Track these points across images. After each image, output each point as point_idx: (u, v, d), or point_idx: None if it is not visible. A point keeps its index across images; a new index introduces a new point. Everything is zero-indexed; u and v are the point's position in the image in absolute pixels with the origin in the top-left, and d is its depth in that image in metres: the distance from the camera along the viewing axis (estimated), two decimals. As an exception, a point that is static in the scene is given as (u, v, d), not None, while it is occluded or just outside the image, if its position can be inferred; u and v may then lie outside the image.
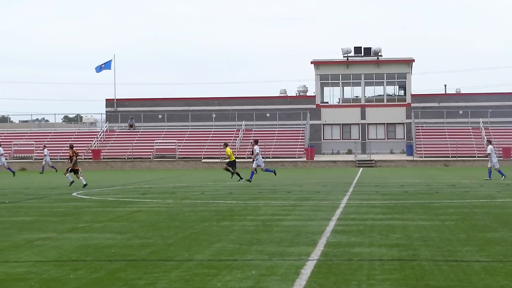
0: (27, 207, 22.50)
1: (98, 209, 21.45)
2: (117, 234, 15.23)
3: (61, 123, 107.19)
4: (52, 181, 39.65)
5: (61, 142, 73.34)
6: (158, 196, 27.37)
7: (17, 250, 13.10)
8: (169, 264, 11.44)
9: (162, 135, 75.00)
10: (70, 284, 9.93)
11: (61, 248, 13.27)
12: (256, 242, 13.77)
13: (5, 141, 72.30)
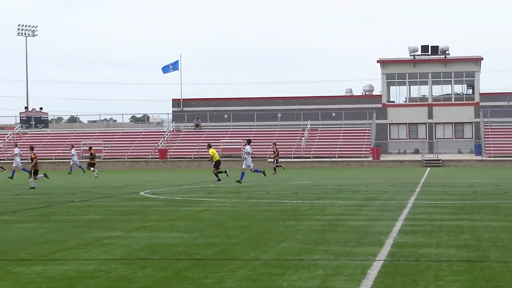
0: (96, 206, 22.85)
1: (165, 208, 21.66)
2: (184, 233, 15.35)
3: (128, 123, 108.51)
4: (119, 181, 40.17)
5: (129, 142, 74.28)
6: (224, 195, 27.50)
7: (86, 248, 13.31)
8: (235, 263, 11.48)
9: (228, 135, 75.31)
10: (138, 282, 10.04)
11: (129, 246, 13.44)
12: (322, 242, 13.73)
13: (75, 140, 73.59)
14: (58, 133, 79.31)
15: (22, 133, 79.48)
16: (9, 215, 20.00)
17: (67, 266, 11.29)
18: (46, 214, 20.27)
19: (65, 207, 22.76)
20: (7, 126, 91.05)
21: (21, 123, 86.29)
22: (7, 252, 12.81)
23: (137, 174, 54.20)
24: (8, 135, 77.21)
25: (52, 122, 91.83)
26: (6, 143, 74.34)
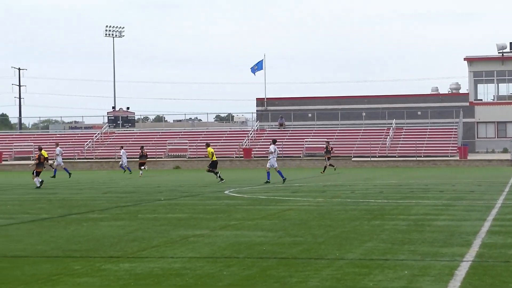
0: (181, 204, 23.12)
1: (250, 207, 21.76)
2: (269, 231, 15.40)
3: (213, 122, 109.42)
4: (204, 179, 40.53)
5: (214, 141, 74.94)
6: (308, 194, 27.47)
7: (172, 246, 13.48)
8: (320, 262, 11.45)
9: (312, 134, 75.19)
10: (223, 280, 10.12)
11: (214, 245, 13.55)
12: (408, 241, 13.58)
13: (161, 139, 74.66)
14: (144, 133, 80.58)
15: (109, 132, 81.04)
16: (98, 213, 20.42)
17: (154, 264, 11.47)
18: (134, 212, 20.62)
19: (152, 205, 23.10)
20: (96, 126, 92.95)
21: (109, 122, 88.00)
22: (96, 249, 13.08)
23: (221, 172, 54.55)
24: (97, 134, 78.86)
25: (138, 122, 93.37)
26: (94, 142, 75.93)
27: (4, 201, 25.59)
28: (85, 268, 11.05)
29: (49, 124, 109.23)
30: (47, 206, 23.12)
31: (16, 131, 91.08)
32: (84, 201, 25.28)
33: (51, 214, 20.02)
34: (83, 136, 79.62)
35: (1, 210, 21.66)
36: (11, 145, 76.15)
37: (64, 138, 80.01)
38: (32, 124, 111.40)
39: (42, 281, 10.10)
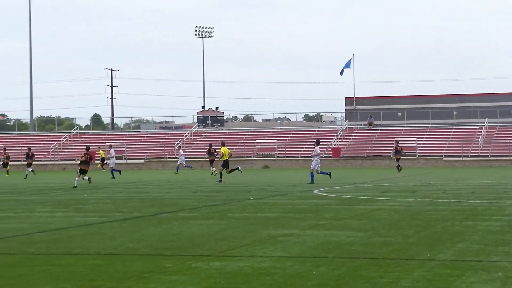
0: (270, 204, 23.18)
1: (339, 207, 21.65)
2: (358, 231, 15.29)
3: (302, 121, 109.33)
4: (293, 179, 40.55)
5: (302, 140, 74.85)
6: (398, 194, 27.17)
7: (262, 245, 13.52)
8: (410, 263, 11.30)
9: (402, 133, 74.35)
10: (313, 280, 10.09)
11: (303, 244, 13.53)
12: (501, 243, 13.28)
13: (249, 139, 75.04)
14: (233, 132, 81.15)
15: (199, 132, 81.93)
16: (188, 212, 20.65)
17: (244, 263, 11.52)
18: (223, 211, 20.77)
19: (241, 204, 23.24)
20: (186, 125, 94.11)
21: (198, 122, 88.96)
22: (187, 248, 13.23)
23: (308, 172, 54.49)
24: (186, 134, 79.82)
25: (227, 121, 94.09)
26: (184, 142, 76.88)
27: (97, 199, 26.16)
28: (176, 266, 11.19)
29: (140, 124, 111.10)
30: (139, 204, 23.52)
31: (108, 131, 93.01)
32: (174, 200, 25.62)
33: (143, 213, 20.35)
34: (173, 135, 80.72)
35: (95, 209, 22.14)
36: (104, 144, 77.80)
37: (154, 137, 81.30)
38: (124, 124, 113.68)
39: (134, 278, 10.27)
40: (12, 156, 73.90)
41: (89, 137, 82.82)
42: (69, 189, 33.51)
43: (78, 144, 79.58)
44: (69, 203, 24.64)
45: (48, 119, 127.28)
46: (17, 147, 76.12)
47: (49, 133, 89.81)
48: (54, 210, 21.65)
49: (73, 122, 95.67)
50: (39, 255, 12.57)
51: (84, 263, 11.56)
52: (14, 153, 75.03)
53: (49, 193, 30.60)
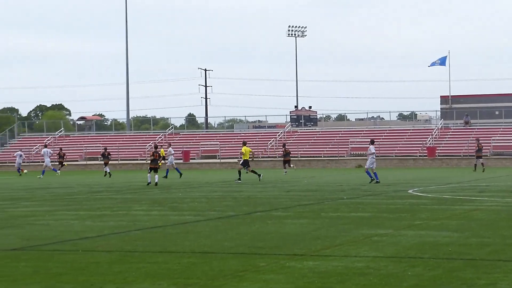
0: (364, 203, 23.02)
1: (434, 207, 21.33)
2: (454, 232, 15.04)
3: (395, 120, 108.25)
4: (387, 178, 40.16)
5: (396, 139, 74.06)
6: (496, 194, 26.59)
7: (356, 245, 13.45)
8: (509, 264, 11.06)
9: (499, 132, 72.73)
10: (408, 280, 9.98)
11: (398, 244, 13.39)
12: None
13: (343, 138, 74.68)
14: (327, 131, 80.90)
15: (292, 131, 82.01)
16: (281, 211, 20.70)
17: (337, 262, 11.48)
18: (316, 210, 20.74)
19: (335, 204, 23.16)
20: (279, 125, 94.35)
21: (291, 121, 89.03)
22: (281, 247, 13.27)
23: (404, 172, 53.94)
24: (279, 133, 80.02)
25: (320, 121, 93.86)
26: (277, 141, 77.09)
27: (192, 198, 26.49)
28: (270, 265, 11.23)
29: (233, 124, 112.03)
30: (233, 203, 23.71)
31: (202, 130, 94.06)
32: (268, 199, 25.72)
33: (237, 212, 20.51)
34: (267, 135, 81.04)
35: (190, 207, 22.43)
36: (197, 144, 78.77)
37: (248, 137, 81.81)
38: (217, 123, 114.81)
39: (229, 277, 10.36)
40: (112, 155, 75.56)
41: (184, 136, 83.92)
42: (165, 187, 34.04)
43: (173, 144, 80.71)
44: (164, 201, 25.04)
45: (144, 119, 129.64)
46: (114, 147, 77.69)
47: (145, 132, 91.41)
48: (150, 209, 22.04)
49: (168, 121, 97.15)
50: (136, 252, 12.82)
51: (179, 261, 11.74)
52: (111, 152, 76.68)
53: (145, 192, 31.18)
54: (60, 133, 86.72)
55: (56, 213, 21.01)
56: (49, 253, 12.97)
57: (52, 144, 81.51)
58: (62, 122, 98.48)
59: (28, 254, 12.75)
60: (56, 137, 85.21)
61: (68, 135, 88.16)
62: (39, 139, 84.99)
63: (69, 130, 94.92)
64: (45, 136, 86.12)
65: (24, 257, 12.35)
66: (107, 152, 55.35)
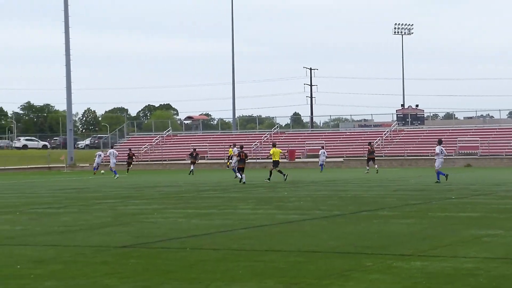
0: (473, 203, 22.55)
1: (547, 207, 20.69)
2: None
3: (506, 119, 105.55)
4: (497, 177, 39.23)
5: (507, 138, 72.23)
6: None
7: (465, 245, 13.20)
8: None
9: None
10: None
11: (509, 245, 13.08)
12: None
13: (451, 137, 73.34)
14: (434, 130, 79.63)
15: (398, 130, 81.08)
16: (388, 211, 20.51)
17: (446, 263, 11.30)
18: (424, 210, 20.45)
19: (442, 203, 22.78)
20: (385, 124, 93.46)
21: (398, 120, 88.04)
22: (387, 247, 13.15)
23: None
24: (386, 132, 79.25)
25: (427, 119, 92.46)
26: (384, 140, 76.40)
27: (298, 197, 26.53)
28: (377, 265, 11.15)
29: (339, 123, 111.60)
30: (338, 202, 23.63)
31: (307, 129, 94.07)
32: (374, 198, 25.52)
33: (343, 211, 20.43)
34: (372, 134, 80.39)
35: (295, 206, 22.47)
36: (303, 143, 78.85)
37: (353, 136, 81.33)
38: (323, 122, 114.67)
39: (335, 276, 10.34)
40: (215, 154, 76.53)
41: (289, 135, 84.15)
42: (270, 186, 34.21)
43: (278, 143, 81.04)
44: (270, 200, 25.17)
45: (250, 118, 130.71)
46: (220, 145, 78.62)
47: (251, 131, 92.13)
48: (256, 207, 22.19)
49: (274, 121, 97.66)
50: (243, 251, 12.93)
51: (285, 259, 11.78)
52: (217, 151, 77.65)
53: (250, 191, 31.41)
54: (167, 133, 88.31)
55: (164, 211, 21.41)
56: (157, 250, 13.24)
57: (160, 143, 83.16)
58: (170, 121, 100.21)
59: (137, 252, 13.04)
60: (164, 136, 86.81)
61: (175, 134, 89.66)
62: (147, 139, 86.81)
63: (177, 130, 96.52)
64: (153, 135, 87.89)
65: (134, 254, 12.64)
66: (196, 152, 56.57)
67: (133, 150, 65.84)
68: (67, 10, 78.60)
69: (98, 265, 11.53)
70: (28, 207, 23.89)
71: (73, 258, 12.31)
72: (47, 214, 21.16)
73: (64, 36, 78.88)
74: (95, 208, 23.28)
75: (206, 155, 76.89)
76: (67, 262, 11.92)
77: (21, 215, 20.96)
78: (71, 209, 22.72)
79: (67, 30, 78.72)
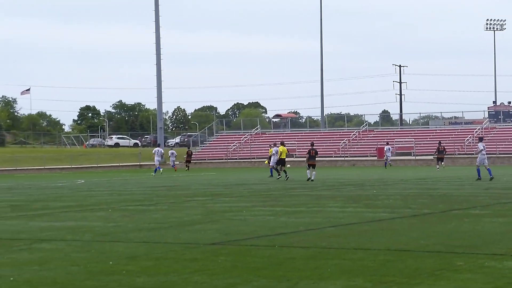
0: None
1: None
2: None
3: None
4: None
5: None
6: None
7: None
8: None
9: None
10: None
11: None
12: None
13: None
14: (528, 127, 77.78)
15: (490, 127, 79.49)
16: (479, 209, 20.14)
17: (540, 263, 11.03)
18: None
19: (536, 202, 22.23)
20: (476, 121, 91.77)
21: (489, 117, 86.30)
22: (479, 246, 12.91)
23: None
24: (477, 129, 77.81)
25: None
26: (475, 137, 75.06)
27: (387, 195, 26.30)
28: (468, 265, 10.95)
29: (429, 120, 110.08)
30: (428, 201, 23.31)
31: (397, 127, 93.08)
32: (465, 197, 25.08)
33: (433, 209, 20.14)
34: (463, 131, 79.06)
35: (384, 204, 22.28)
36: (392, 140, 78.08)
37: (443, 133, 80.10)
38: (412, 120, 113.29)
39: (425, 275, 10.20)
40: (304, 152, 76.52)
41: (378, 133, 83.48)
42: (359, 184, 34.02)
43: (367, 141, 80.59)
44: (359, 198, 25.02)
45: (338, 116, 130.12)
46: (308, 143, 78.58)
47: (339, 129, 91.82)
48: (344, 205, 22.09)
49: (362, 118, 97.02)
50: (331, 249, 12.89)
51: (374, 258, 11.69)
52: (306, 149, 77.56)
53: (339, 189, 31.29)
54: (256, 131, 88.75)
55: (253, 208, 21.53)
56: (246, 248, 13.32)
57: (249, 141, 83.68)
58: (258, 119, 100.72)
59: (226, 249, 13.15)
60: (252, 134, 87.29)
61: (264, 132, 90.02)
62: (236, 137, 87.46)
63: (265, 128, 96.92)
64: (242, 133, 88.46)
65: (223, 251, 12.75)
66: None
67: (191, 149, 70.77)
68: (157, 9, 79.74)
69: (188, 262, 11.68)
70: (120, 204, 24.39)
71: (163, 255, 12.50)
72: (138, 211, 21.55)
73: (155, 36, 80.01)
74: (185, 205, 23.58)
75: (294, 153, 76.93)
76: (158, 258, 12.11)
77: (113, 212, 21.40)
78: (161, 206, 23.07)
79: (157, 29, 79.82)
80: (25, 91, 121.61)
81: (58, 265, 11.56)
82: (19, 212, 21.80)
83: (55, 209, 22.83)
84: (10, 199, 28.78)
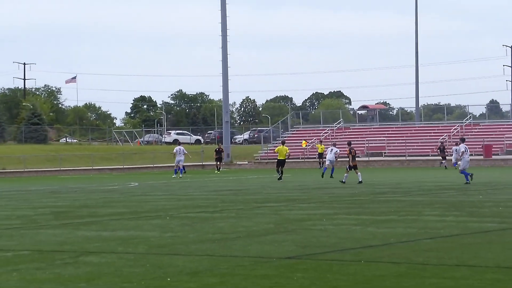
0: None
1: None
2: None
3: None
4: None
5: None
6: None
7: None
8: None
9: None
10: None
11: None
12: None
13: None
14: None
15: None
16: None
17: None
18: None
19: None
20: None
21: None
22: None
23: None
24: None
25: None
26: None
27: (495, 202, 25.93)
28: None
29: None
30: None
31: (508, 120, 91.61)
32: None
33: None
34: None
35: (493, 213, 21.95)
36: (502, 136, 76.85)
37: None
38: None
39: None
40: (394, 151, 76.02)
41: (484, 127, 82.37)
42: (461, 189, 33.63)
43: (471, 137, 79.56)
44: (461, 205, 24.74)
45: (436, 107, 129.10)
46: (400, 140, 78.01)
47: (437, 123, 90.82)
48: (444, 214, 21.87)
49: (465, 110, 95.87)
50: (428, 265, 12.78)
51: (480, 276, 11.55)
52: (396, 146, 77.06)
53: (437, 193, 31.01)
54: (338, 125, 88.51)
55: (335, 217, 21.48)
56: (327, 263, 13.30)
57: (330, 137, 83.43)
58: (341, 111, 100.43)
59: (304, 264, 13.14)
60: (334, 129, 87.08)
61: (347, 127, 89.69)
62: (314, 132, 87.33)
63: (349, 121, 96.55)
64: (321, 128, 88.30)
65: (301, 267, 12.74)
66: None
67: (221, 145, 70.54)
68: (222, -17, 79.96)
69: (259, 279, 11.70)
70: (179, 211, 24.60)
71: (230, 270, 12.55)
72: (200, 219, 21.69)
73: (220, 14, 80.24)
74: (255, 212, 23.66)
75: (384, 151, 76.51)
76: (223, 274, 12.17)
77: (172, 219, 21.59)
78: (227, 214, 23.19)
79: (223, 6, 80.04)
80: (71, 79, 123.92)
81: (107, 282, 11.70)
82: (63, 220, 22.17)
83: (104, 217, 23.15)
84: (53, 204, 29.29)
